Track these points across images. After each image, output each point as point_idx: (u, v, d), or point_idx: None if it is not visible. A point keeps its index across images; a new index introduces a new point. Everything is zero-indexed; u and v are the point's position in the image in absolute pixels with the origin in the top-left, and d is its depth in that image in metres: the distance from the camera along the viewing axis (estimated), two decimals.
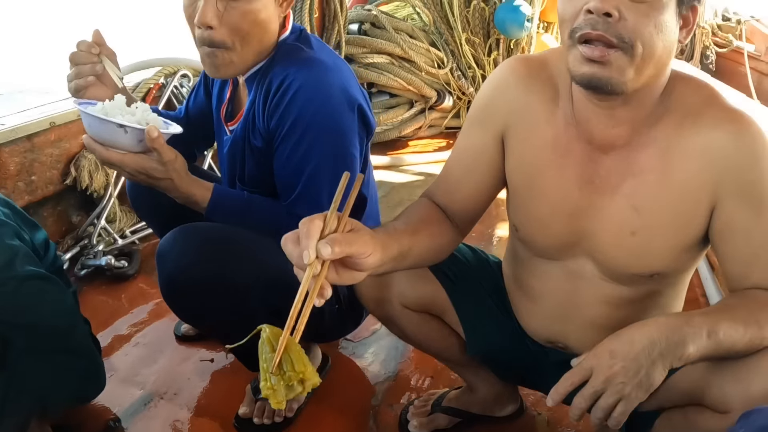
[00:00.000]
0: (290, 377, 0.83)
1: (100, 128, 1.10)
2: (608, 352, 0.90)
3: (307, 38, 1.32)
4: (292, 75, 1.21)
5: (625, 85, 0.90)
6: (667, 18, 0.89)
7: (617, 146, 1.01)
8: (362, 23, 3.45)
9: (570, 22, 0.91)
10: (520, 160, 1.10)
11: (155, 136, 1.09)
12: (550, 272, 1.13)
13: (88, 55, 1.25)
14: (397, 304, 1.22)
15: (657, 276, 1.06)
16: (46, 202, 2.10)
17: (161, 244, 1.21)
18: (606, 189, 1.02)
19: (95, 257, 2.07)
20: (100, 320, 1.81)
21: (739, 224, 0.97)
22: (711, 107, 0.98)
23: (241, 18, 1.19)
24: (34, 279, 1.16)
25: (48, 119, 2.03)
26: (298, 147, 1.23)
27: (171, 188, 1.19)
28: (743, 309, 0.94)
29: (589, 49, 0.88)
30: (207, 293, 1.18)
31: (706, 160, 0.96)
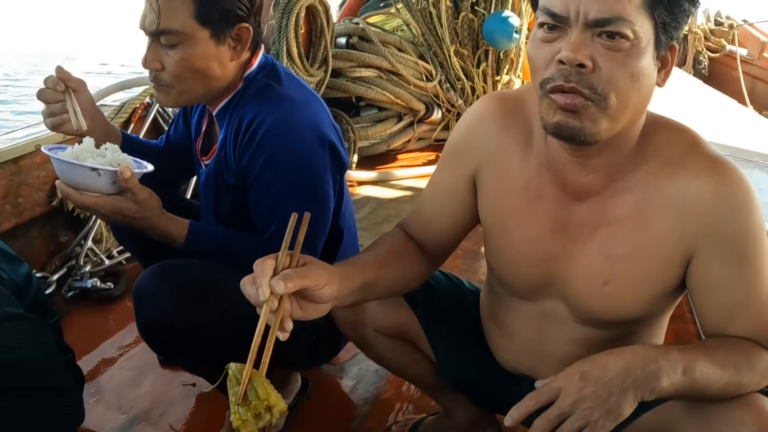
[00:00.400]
0: (256, 406, 0.86)
1: (72, 173, 1.12)
2: (580, 373, 0.86)
3: (277, 73, 1.33)
4: (262, 114, 1.23)
5: (598, 135, 0.87)
6: (645, 64, 0.85)
7: (592, 193, 0.98)
8: (350, 37, 3.48)
9: (541, 70, 0.88)
10: (493, 202, 1.09)
11: (128, 176, 1.12)
12: (523, 311, 1.13)
13: (54, 93, 1.27)
14: (371, 328, 1.24)
15: (631, 321, 1.05)
16: (33, 223, 2.11)
17: (138, 283, 1.22)
18: (579, 237, 1.01)
19: (82, 279, 2.08)
20: (86, 343, 1.83)
21: (717, 278, 0.94)
22: (691, 156, 0.94)
23: (176, 65, 1.22)
24: (12, 320, 1.18)
25: (33, 142, 2.05)
26: (270, 187, 1.25)
27: (147, 227, 1.21)
28: (723, 352, 0.92)
29: (562, 97, 0.85)
30: (184, 334, 1.20)
31: (684, 211, 0.93)
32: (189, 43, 1.21)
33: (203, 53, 1.23)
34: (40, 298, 1.40)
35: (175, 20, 1.19)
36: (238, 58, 1.28)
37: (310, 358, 1.47)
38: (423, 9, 3.59)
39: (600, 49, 0.83)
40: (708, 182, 0.92)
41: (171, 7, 1.19)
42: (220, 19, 1.22)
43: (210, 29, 1.22)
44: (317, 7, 2.99)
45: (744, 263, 0.93)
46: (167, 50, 1.22)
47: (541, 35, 0.88)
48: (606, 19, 0.82)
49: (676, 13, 0.85)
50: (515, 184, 1.05)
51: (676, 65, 4.90)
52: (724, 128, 3.43)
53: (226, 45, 1.25)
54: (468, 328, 1.27)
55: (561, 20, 0.84)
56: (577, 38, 0.83)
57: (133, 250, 1.67)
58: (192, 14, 1.20)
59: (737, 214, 0.92)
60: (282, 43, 2.84)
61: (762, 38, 6.12)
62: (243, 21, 1.25)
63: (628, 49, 0.83)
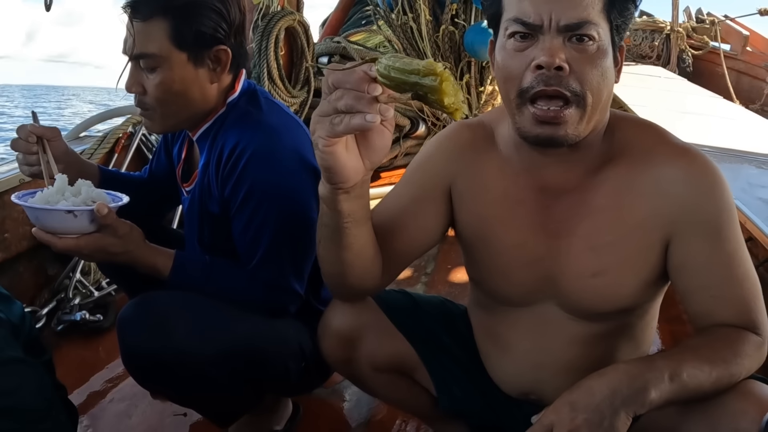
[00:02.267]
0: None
1: (47, 219, 1.10)
2: (568, 404, 0.86)
3: (257, 99, 1.33)
4: (243, 142, 1.22)
5: (578, 137, 0.92)
6: (608, 63, 0.92)
7: (569, 189, 1.01)
8: (332, 56, 3.50)
9: (516, 80, 0.91)
10: (473, 215, 1.10)
11: (105, 213, 1.10)
12: (517, 319, 1.12)
13: (27, 145, 1.28)
14: (366, 366, 1.21)
15: (625, 311, 1.06)
16: (20, 257, 2.09)
17: (121, 315, 1.20)
18: (562, 233, 1.03)
19: (71, 312, 2.06)
20: (77, 376, 1.81)
21: (697, 259, 0.97)
22: (660, 146, 1.00)
23: (156, 89, 1.22)
24: (12, 363, 1.17)
25: (17, 176, 2.04)
26: (255, 216, 1.23)
27: (131, 261, 1.19)
28: (707, 348, 0.93)
29: (543, 111, 0.89)
30: (169, 368, 1.18)
31: (658, 197, 0.97)
32: (167, 67, 1.21)
33: (181, 76, 1.23)
34: (32, 336, 1.38)
35: (152, 44, 1.20)
36: (218, 80, 1.28)
37: (300, 386, 1.45)
38: (403, 24, 3.62)
39: (572, 52, 0.89)
40: (679, 167, 0.97)
41: (147, 31, 1.20)
42: (195, 42, 1.21)
43: (187, 52, 1.22)
44: (296, 28, 3.01)
45: (720, 242, 0.96)
46: (147, 74, 1.22)
47: (512, 45, 0.92)
48: (576, 24, 0.88)
49: (626, 16, 0.94)
50: (494, 194, 1.07)
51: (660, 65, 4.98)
52: (713, 126, 3.45)
53: (205, 67, 1.25)
54: (465, 352, 1.25)
55: (533, 28, 0.90)
56: (551, 43, 0.88)
57: (120, 283, 1.66)
58: (168, 37, 1.20)
59: (710, 194, 0.96)
60: (263, 65, 2.85)
61: (744, 32, 6.20)
62: (220, 43, 1.24)
63: (595, 50, 0.90)
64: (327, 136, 0.79)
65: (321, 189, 0.91)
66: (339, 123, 0.77)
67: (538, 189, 1.03)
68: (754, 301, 0.98)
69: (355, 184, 0.87)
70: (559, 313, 1.08)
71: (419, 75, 0.73)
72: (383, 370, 1.23)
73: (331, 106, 0.77)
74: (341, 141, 0.81)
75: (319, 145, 0.81)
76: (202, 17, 1.21)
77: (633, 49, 6.67)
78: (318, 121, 0.80)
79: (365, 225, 0.98)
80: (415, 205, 1.10)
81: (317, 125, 0.80)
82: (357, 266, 1.02)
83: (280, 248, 1.24)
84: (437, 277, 2.52)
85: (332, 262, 1.02)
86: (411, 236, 1.10)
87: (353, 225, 0.94)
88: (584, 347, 1.09)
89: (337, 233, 0.96)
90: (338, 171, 0.84)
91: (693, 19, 6.79)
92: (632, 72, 5.62)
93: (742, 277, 0.97)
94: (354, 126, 0.76)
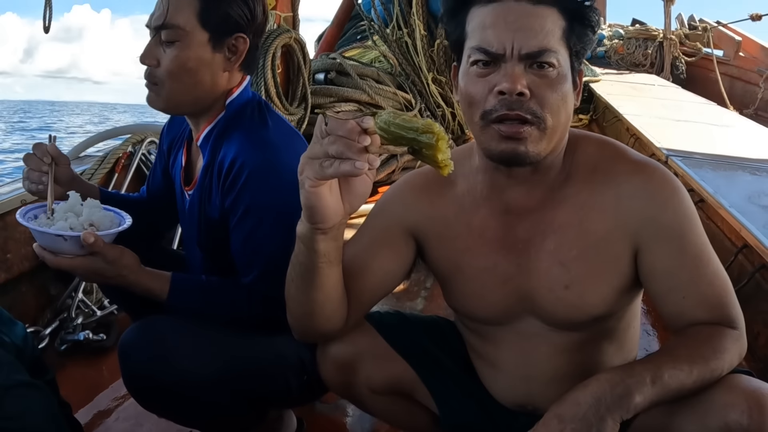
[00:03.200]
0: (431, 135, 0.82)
1: (42, 239, 1.15)
2: (555, 417, 0.89)
3: (263, 112, 1.35)
4: (244, 156, 1.24)
5: (539, 155, 0.97)
6: (568, 87, 0.97)
7: (531, 208, 1.06)
8: (328, 72, 3.53)
9: (480, 104, 0.96)
10: (441, 253, 1.14)
11: (91, 242, 1.12)
12: (501, 336, 1.15)
13: (39, 163, 1.31)
14: (365, 388, 1.23)
15: (602, 318, 1.09)
16: (23, 278, 2.10)
17: (122, 340, 1.22)
18: (530, 250, 1.06)
19: (74, 332, 2.07)
20: (81, 396, 1.81)
21: (663, 265, 1.01)
22: (616, 162, 1.04)
23: (171, 62, 1.25)
24: (19, 387, 1.17)
25: (19, 197, 2.06)
26: (254, 231, 1.25)
27: (126, 284, 1.21)
28: (684, 348, 0.96)
29: (506, 127, 0.94)
30: (171, 391, 1.19)
31: (620, 211, 1.02)
32: (187, 43, 1.24)
33: (198, 55, 1.25)
34: (34, 356, 1.39)
35: (180, 16, 1.23)
36: (231, 69, 1.30)
37: (302, 397, 1.46)
38: (399, 39, 3.65)
39: (533, 78, 0.94)
40: (637, 181, 1.02)
41: (178, 4, 1.23)
42: (220, 24, 1.25)
43: (209, 33, 1.25)
44: (293, 45, 3.04)
45: (685, 246, 1.01)
46: (165, 47, 1.25)
47: (475, 71, 0.97)
48: (537, 52, 0.93)
49: (584, 41, 0.99)
50: (457, 230, 1.11)
51: (654, 73, 5.02)
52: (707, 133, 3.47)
53: (222, 53, 1.28)
54: (462, 368, 1.27)
55: (496, 57, 0.95)
56: (513, 71, 0.93)
57: (120, 304, 1.67)
58: (196, 13, 1.23)
59: (668, 203, 1.01)
60: (260, 83, 2.87)
61: (736, 38, 6.24)
62: (242, 31, 1.27)
63: (555, 76, 0.95)
64: (315, 177, 0.84)
65: (300, 228, 0.95)
66: (329, 166, 0.82)
67: (501, 211, 1.07)
68: (726, 297, 1.01)
69: (333, 226, 0.92)
70: (539, 326, 1.11)
71: (417, 132, 0.80)
72: (383, 393, 1.24)
73: (322, 150, 0.82)
74: (327, 183, 0.87)
75: (306, 185, 0.86)
76: (231, 1, 1.26)
77: (626, 58, 6.72)
78: (307, 162, 0.85)
79: (337, 266, 1.02)
80: (376, 247, 1.13)
81: (306, 166, 0.85)
82: (326, 307, 1.06)
83: (279, 263, 1.25)
84: (437, 291, 2.53)
85: (302, 302, 1.06)
86: (374, 278, 1.13)
87: (327, 265, 0.99)
88: (569, 355, 1.12)
89: (311, 272, 1.00)
90: (320, 211, 0.89)
91: (686, 26, 6.84)
92: (626, 81, 5.66)
93: (711, 276, 1.01)
94: (342, 171, 0.81)
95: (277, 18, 2.97)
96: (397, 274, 1.15)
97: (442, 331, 1.31)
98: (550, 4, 0.95)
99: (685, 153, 2.79)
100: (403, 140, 0.81)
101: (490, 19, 0.95)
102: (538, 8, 0.94)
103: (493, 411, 1.23)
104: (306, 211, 0.91)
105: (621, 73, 6.20)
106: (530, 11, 0.94)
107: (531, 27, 0.93)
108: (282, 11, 3.02)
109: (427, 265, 1.18)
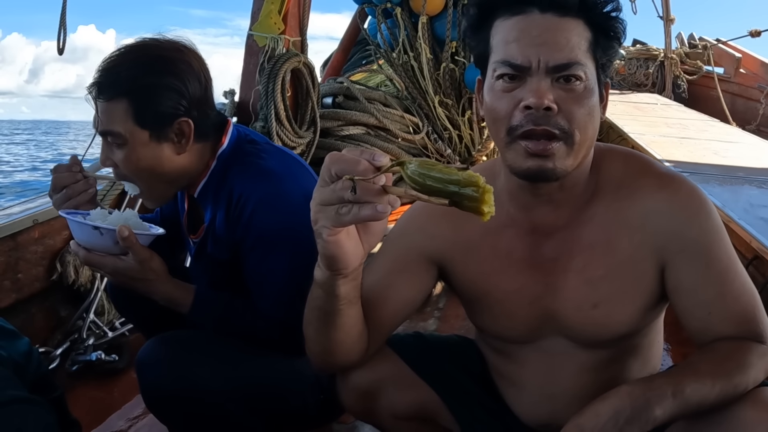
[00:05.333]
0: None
1: (79, 231, 1.18)
2: (575, 428, 0.90)
3: (256, 145, 1.36)
4: (248, 190, 1.26)
5: (565, 171, 0.95)
6: (595, 101, 0.95)
7: (559, 228, 1.04)
8: (335, 96, 3.54)
9: (506, 119, 0.94)
10: (467, 277, 1.11)
11: (126, 235, 1.14)
12: (526, 355, 1.13)
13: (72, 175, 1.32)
14: (387, 415, 1.20)
15: (628, 335, 1.08)
16: (33, 299, 2.12)
17: (140, 355, 1.22)
18: (558, 269, 1.05)
19: (85, 352, 2.07)
20: (93, 417, 1.80)
21: (690, 280, 1.00)
22: (642, 177, 1.03)
23: (123, 163, 1.26)
24: (14, 403, 1.17)
25: (30, 217, 2.08)
26: (266, 259, 1.26)
27: (151, 290, 1.22)
28: (708, 363, 0.95)
29: (533, 144, 0.92)
30: (189, 405, 1.20)
31: (647, 227, 1.01)
32: (131, 144, 1.24)
33: (145, 153, 1.25)
34: (40, 373, 1.39)
35: (116, 123, 1.23)
36: (185, 150, 1.29)
37: (319, 418, 1.45)
38: (405, 63, 3.68)
39: (560, 92, 0.91)
40: (663, 197, 1.00)
41: (110, 111, 1.23)
42: (156, 120, 1.24)
43: (149, 130, 1.24)
44: (302, 69, 3.07)
45: (711, 262, 0.99)
46: (116, 149, 1.26)
47: (501, 86, 0.95)
48: (564, 65, 0.91)
49: (610, 54, 0.97)
50: (483, 253, 1.09)
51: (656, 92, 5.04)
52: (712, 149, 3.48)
53: (169, 141, 1.27)
54: (484, 389, 1.24)
55: (521, 70, 0.92)
56: (539, 85, 0.91)
57: (133, 320, 1.67)
58: (130, 117, 1.23)
59: (695, 219, 1.00)
60: (270, 107, 2.90)
61: (736, 55, 6.27)
62: (180, 116, 1.26)
63: (582, 90, 0.93)
64: (332, 225, 0.77)
65: (318, 274, 0.90)
66: (347, 213, 0.75)
67: (528, 231, 1.05)
68: (753, 312, 1.00)
69: (354, 269, 0.87)
70: (565, 344, 1.10)
71: (459, 185, 0.72)
72: (406, 419, 1.22)
73: (336, 195, 0.75)
74: (344, 229, 0.80)
75: (323, 235, 0.79)
76: (160, 97, 1.23)
77: (628, 78, 6.75)
78: (320, 210, 0.78)
79: (357, 304, 0.98)
80: (394, 276, 1.10)
81: (320, 214, 0.78)
82: (346, 343, 1.03)
83: (292, 289, 1.24)
84: (450, 312, 2.52)
85: (321, 342, 1.02)
86: (393, 307, 1.10)
87: (347, 306, 0.95)
88: (594, 373, 1.10)
89: (331, 316, 0.96)
90: (341, 258, 0.84)
91: (686, 44, 6.87)
92: (629, 101, 5.68)
93: (738, 292, 1.00)
94: (363, 217, 0.74)
95: (286, 42, 3.01)
96: (417, 300, 1.13)
97: (463, 351, 1.29)
98: (576, 16, 0.93)
99: (692, 169, 2.80)
100: (442, 194, 0.73)
101: (515, 32, 0.93)
102: (564, 20, 0.92)
103: (518, 431, 1.21)
104: (325, 260, 0.85)
105: (623, 93, 6.22)
106: (556, 23, 0.92)
107: (557, 40, 0.91)
108: (291, 36, 3.06)
109: (451, 287, 1.17)
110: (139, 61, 1.25)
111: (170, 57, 1.26)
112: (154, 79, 1.23)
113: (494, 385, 1.24)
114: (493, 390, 1.24)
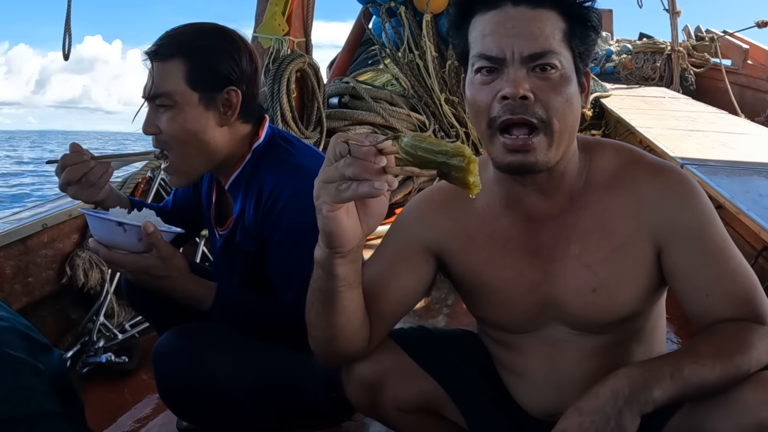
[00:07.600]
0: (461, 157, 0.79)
1: (101, 228, 1.16)
2: (576, 410, 0.92)
3: (289, 142, 1.38)
4: (281, 185, 1.27)
5: (549, 163, 0.97)
6: (573, 89, 0.97)
7: (553, 215, 1.06)
8: (341, 96, 3.55)
9: (486, 112, 0.97)
10: (465, 267, 1.13)
11: (151, 231, 1.14)
12: (527, 344, 1.14)
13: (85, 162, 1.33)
14: (392, 408, 1.21)
15: (630, 318, 1.08)
16: (44, 302, 2.13)
17: (157, 347, 1.23)
18: (555, 256, 1.06)
19: (96, 354, 2.08)
20: (103, 418, 1.81)
21: (686, 263, 1.02)
22: (635, 166, 1.05)
23: (169, 125, 1.28)
24: (49, 418, 1.17)
25: (40, 221, 2.09)
26: (294, 250, 1.26)
27: (173, 288, 1.22)
28: (707, 344, 0.96)
29: (512, 140, 0.95)
30: (204, 398, 1.20)
31: (641, 214, 1.03)
32: (179, 106, 1.26)
33: (192, 116, 1.27)
34: (65, 384, 1.39)
35: (168, 83, 1.26)
36: (228, 124, 1.31)
37: (330, 415, 1.46)
38: (410, 62, 3.69)
39: (536, 81, 0.94)
40: (655, 185, 1.03)
41: (165, 71, 1.26)
42: (208, 82, 1.27)
43: (199, 92, 1.27)
44: (307, 70, 3.08)
45: (706, 244, 1.01)
46: (162, 114, 1.27)
47: (479, 79, 0.98)
48: (538, 53, 0.94)
49: (588, 43, 0.99)
50: (479, 242, 1.11)
51: (664, 85, 5.00)
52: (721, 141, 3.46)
53: (216, 110, 1.29)
54: (488, 381, 1.25)
55: (497, 62, 0.95)
56: (515, 74, 0.94)
57: (148, 317, 1.68)
58: (183, 77, 1.26)
59: (686, 204, 1.02)
60: (276, 108, 2.91)
61: (744, 46, 6.22)
62: (232, 84, 1.29)
63: (558, 78, 0.95)
64: (332, 201, 0.83)
65: (318, 253, 0.94)
66: (346, 189, 0.80)
67: (523, 219, 1.08)
68: (752, 293, 1.01)
69: (351, 249, 0.91)
70: (566, 331, 1.10)
71: (447, 155, 0.78)
72: (410, 411, 1.22)
73: (338, 173, 0.80)
74: (344, 206, 0.85)
75: (323, 210, 0.84)
76: (216, 58, 1.28)
77: (635, 72, 6.73)
78: (322, 186, 0.83)
79: (357, 289, 1.01)
80: (395, 267, 1.12)
81: (321, 191, 0.84)
82: (348, 330, 1.05)
83: None
84: (458, 308, 2.52)
85: (323, 328, 1.04)
86: (395, 298, 1.12)
87: (346, 289, 0.97)
88: (597, 359, 1.11)
89: (331, 297, 0.98)
90: (339, 235, 0.88)
91: (693, 37, 6.83)
92: (636, 94, 5.65)
93: (733, 273, 1.01)
94: (361, 193, 0.79)
95: (290, 43, 3.02)
96: (418, 291, 1.15)
97: (467, 344, 1.30)
98: (548, 6, 0.96)
99: (700, 161, 2.78)
100: (431, 164, 0.79)
101: (490, 26, 0.96)
102: (536, 11, 0.95)
103: (523, 423, 1.21)
104: (324, 236, 0.89)
105: (631, 87, 6.19)
106: (529, 15, 0.95)
107: (531, 30, 0.94)
108: (295, 37, 3.07)
109: (450, 279, 1.18)
110: (197, 28, 1.32)
111: (227, 30, 1.33)
112: (212, 41, 1.29)
113: (498, 377, 1.25)
114: (498, 382, 1.24)
